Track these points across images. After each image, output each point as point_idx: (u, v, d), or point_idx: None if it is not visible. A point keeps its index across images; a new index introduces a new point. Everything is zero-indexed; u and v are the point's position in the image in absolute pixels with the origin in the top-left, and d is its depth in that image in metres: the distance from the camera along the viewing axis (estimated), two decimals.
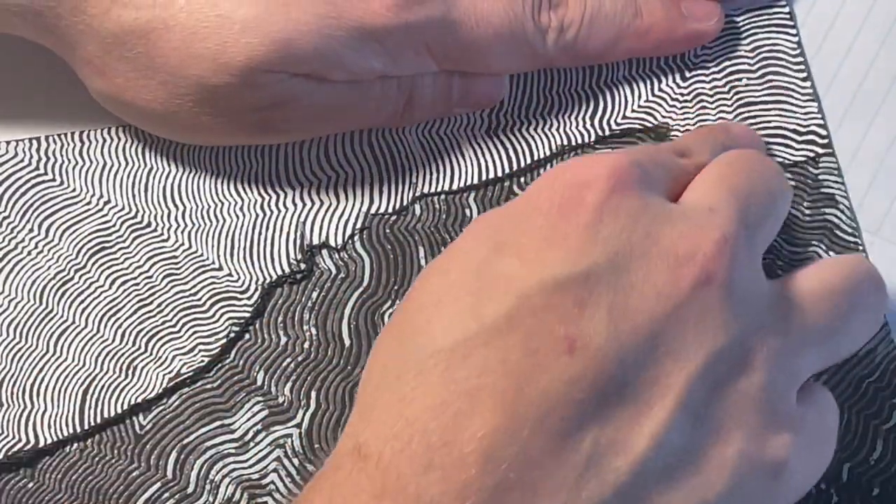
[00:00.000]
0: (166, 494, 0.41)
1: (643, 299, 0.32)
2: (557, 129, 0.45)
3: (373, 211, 0.44)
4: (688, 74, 0.46)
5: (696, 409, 0.32)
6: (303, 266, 0.43)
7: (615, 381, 0.31)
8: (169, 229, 0.44)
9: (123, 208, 0.44)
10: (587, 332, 0.31)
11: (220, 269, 0.43)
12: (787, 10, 0.46)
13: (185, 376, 0.42)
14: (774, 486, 0.34)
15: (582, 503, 0.31)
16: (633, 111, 0.45)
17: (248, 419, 0.42)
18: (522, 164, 0.45)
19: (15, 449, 0.41)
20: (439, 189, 0.44)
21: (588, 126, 0.45)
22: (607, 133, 0.45)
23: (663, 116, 0.45)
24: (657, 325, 0.32)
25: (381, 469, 0.31)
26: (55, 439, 0.42)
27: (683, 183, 0.37)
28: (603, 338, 0.31)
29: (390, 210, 0.44)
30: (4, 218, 0.44)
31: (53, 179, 0.44)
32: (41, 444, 0.42)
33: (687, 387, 0.32)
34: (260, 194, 0.44)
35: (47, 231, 0.44)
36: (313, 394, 0.42)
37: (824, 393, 0.37)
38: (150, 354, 0.43)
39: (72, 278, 0.43)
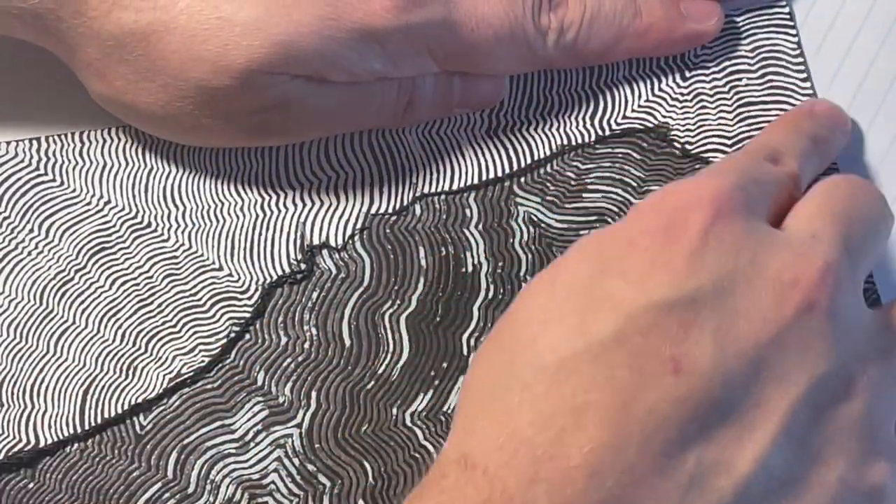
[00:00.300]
0: (167, 495, 0.41)
1: (748, 324, 0.33)
2: (557, 129, 0.45)
3: (373, 211, 0.44)
4: (688, 74, 0.46)
5: (798, 433, 0.33)
6: (303, 266, 0.43)
7: (719, 403, 0.32)
8: (169, 229, 0.44)
9: (123, 208, 0.44)
10: (693, 354, 0.32)
11: (221, 269, 0.43)
12: (787, 10, 0.46)
13: (186, 376, 0.42)
14: None
15: None
16: (633, 111, 0.45)
17: (249, 419, 0.42)
18: (522, 164, 0.45)
19: (15, 449, 0.41)
20: (439, 189, 0.44)
21: (588, 126, 0.45)
22: (607, 133, 0.45)
23: (663, 116, 0.45)
24: (761, 350, 0.32)
25: (488, 479, 0.31)
26: (56, 439, 0.42)
27: (782, 198, 0.37)
28: (708, 360, 0.32)
29: (390, 210, 0.44)
30: (5, 218, 0.44)
31: (54, 180, 0.44)
32: (42, 444, 0.42)
33: (790, 412, 0.33)
34: (260, 194, 0.44)
35: (47, 231, 0.44)
36: (314, 394, 0.42)
37: None
38: (151, 355, 0.43)
39: (72, 278, 0.43)
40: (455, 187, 0.44)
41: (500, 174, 0.45)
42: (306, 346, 0.43)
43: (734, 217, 0.34)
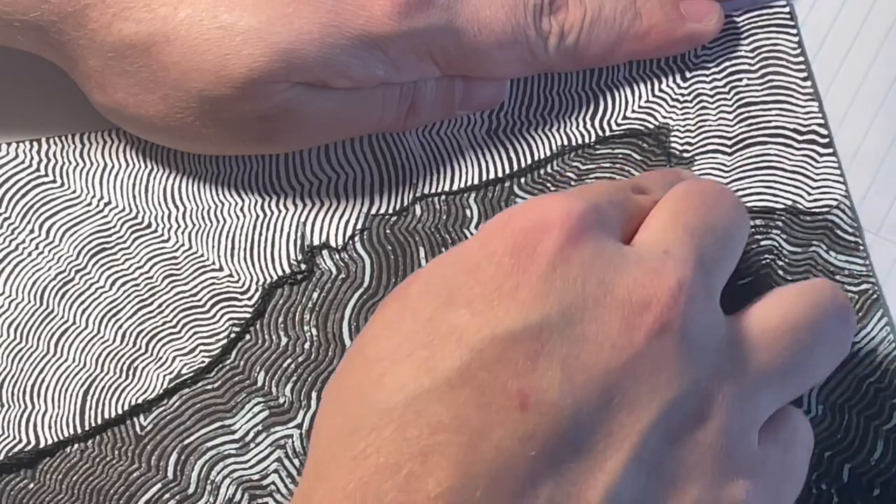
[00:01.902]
0: (167, 495, 0.41)
1: (597, 351, 0.32)
2: (558, 130, 0.45)
3: (373, 212, 0.44)
4: (688, 75, 0.46)
5: (650, 461, 0.32)
6: (303, 267, 0.43)
7: (569, 436, 0.31)
8: (169, 230, 0.44)
9: (124, 209, 0.44)
10: (540, 386, 0.31)
11: (221, 269, 0.43)
12: (787, 9, 0.46)
13: (186, 377, 0.42)
14: None
15: None
16: (633, 112, 0.45)
17: (249, 420, 0.42)
18: (523, 165, 0.45)
19: (16, 450, 0.41)
20: (440, 190, 0.44)
21: (588, 127, 0.45)
22: (608, 134, 0.45)
23: (664, 117, 0.45)
24: (611, 378, 0.31)
25: None
26: (56, 440, 0.42)
27: (640, 220, 0.36)
28: (556, 392, 0.31)
29: (391, 211, 0.44)
30: (5, 219, 0.44)
31: (54, 181, 0.44)
32: (42, 444, 0.42)
33: (641, 439, 0.32)
34: (260, 195, 0.44)
35: (48, 232, 0.44)
36: (314, 394, 0.42)
37: (791, 420, 0.36)
38: (151, 355, 0.43)
39: (72, 279, 0.43)
40: (455, 188, 0.44)
41: (500, 175, 0.45)
42: (307, 346, 0.43)
43: (584, 238, 0.33)
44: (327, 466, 0.32)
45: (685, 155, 0.45)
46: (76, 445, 0.42)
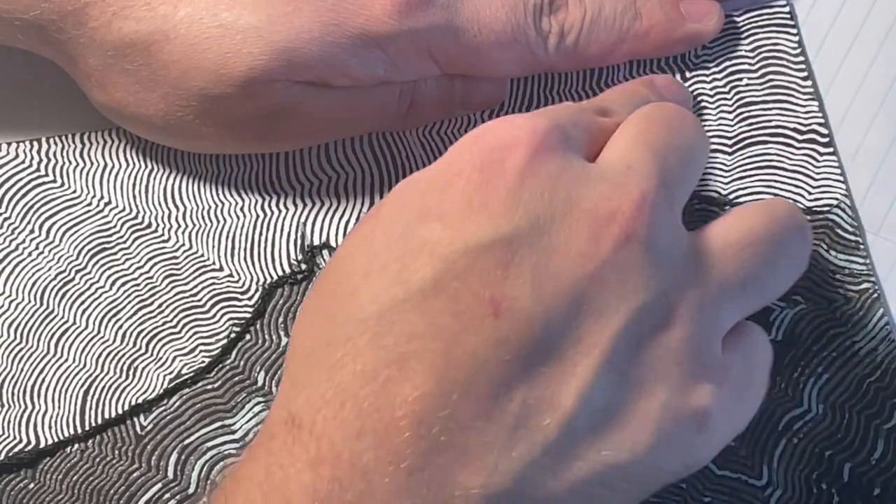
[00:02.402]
0: (167, 495, 0.41)
1: (566, 261, 0.33)
2: None
3: None
4: (688, 74, 0.46)
5: (620, 365, 0.33)
6: (303, 267, 0.43)
7: (541, 342, 0.32)
8: (169, 230, 0.44)
9: (124, 209, 0.44)
10: (512, 294, 0.32)
11: (221, 269, 0.43)
12: (787, 9, 0.46)
13: (186, 377, 0.42)
14: (700, 435, 0.34)
15: (512, 462, 0.31)
16: None
17: (249, 420, 0.42)
18: None
19: (16, 450, 0.41)
20: None
21: None
22: None
23: None
24: (580, 286, 0.32)
25: (314, 437, 0.31)
26: (56, 440, 0.42)
27: (603, 141, 0.37)
28: (527, 300, 0.32)
29: None
30: (5, 219, 0.44)
31: (54, 181, 0.44)
32: (42, 444, 0.42)
33: (610, 344, 0.33)
34: (261, 195, 0.44)
35: (48, 232, 0.44)
36: None
37: (752, 334, 0.37)
38: (151, 355, 0.43)
39: (72, 279, 0.43)
40: None
41: None
42: None
43: (550, 154, 0.34)
44: (305, 376, 0.33)
45: None
46: (76, 445, 0.42)
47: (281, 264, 0.43)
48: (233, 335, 0.43)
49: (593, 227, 0.33)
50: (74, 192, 0.44)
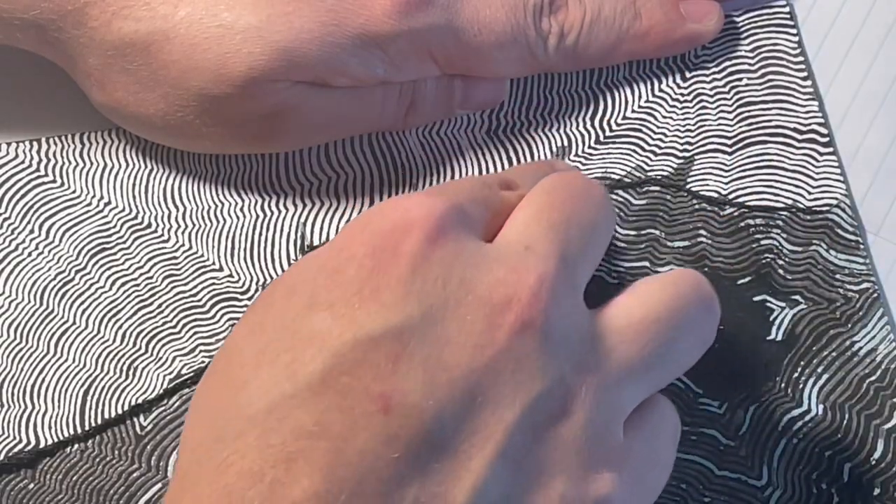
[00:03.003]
0: None
1: (459, 351, 0.31)
2: (558, 130, 0.45)
3: None
4: (688, 75, 0.46)
5: (516, 457, 0.32)
6: None
7: (433, 437, 0.31)
8: (169, 230, 0.44)
9: (124, 209, 0.44)
10: (402, 388, 0.31)
11: (221, 269, 0.43)
12: (787, 9, 0.46)
13: (186, 377, 0.42)
14: None
15: None
16: (633, 112, 0.45)
17: None
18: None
19: (16, 450, 0.41)
20: None
21: (588, 127, 0.45)
22: (608, 133, 0.45)
23: (664, 117, 0.45)
24: (474, 377, 0.31)
25: None
26: (56, 440, 0.42)
27: (505, 217, 0.36)
28: (418, 394, 0.31)
29: None
30: (5, 219, 0.44)
31: (54, 181, 0.44)
32: (42, 444, 0.41)
33: (505, 437, 0.31)
34: (260, 195, 0.44)
35: (48, 232, 0.44)
36: None
37: (658, 410, 0.36)
38: (151, 355, 0.42)
39: (72, 279, 0.43)
40: None
41: None
42: None
43: (444, 238, 0.32)
44: (192, 475, 0.32)
45: (685, 155, 0.45)
46: (76, 445, 0.42)
47: (281, 264, 0.43)
48: None
49: (488, 315, 0.32)
50: (74, 192, 0.44)
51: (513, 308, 0.32)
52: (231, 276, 0.43)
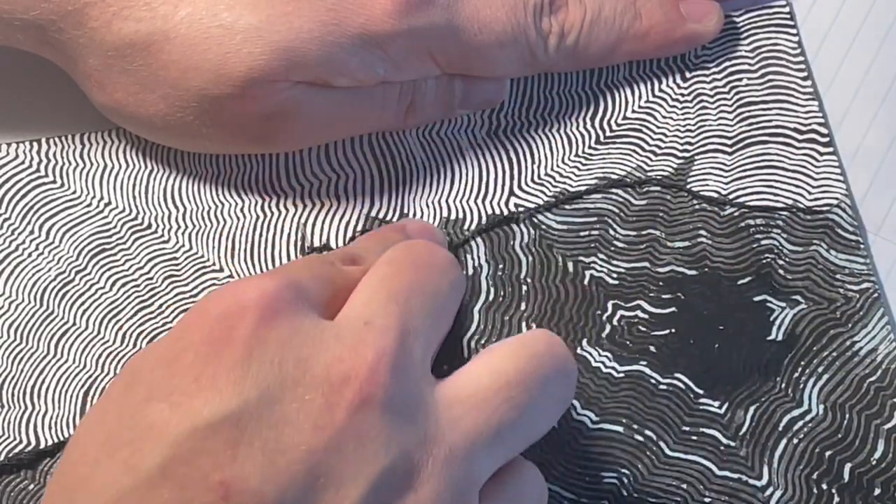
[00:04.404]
0: None
1: (298, 433, 0.31)
2: (558, 130, 0.45)
3: (373, 213, 0.44)
4: (688, 75, 0.46)
5: None
6: None
7: None
8: (169, 231, 0.44)
9: (124, 210, 0.44)
10: (241, 474, 0.30)
11: (221, 270, 0.43)
12: (787, 9, 0.46)
13: None
14: None
15: None
16: (633, 112, 0.45)
17: None
18: (523, 165, 0.45)
19: (16, 451, 0.41)
20: (440, 190, 0.44)
21: (588, 127, 0.45)
22: (608, 133, 0.45)
23: (664, 117, 0.45)
24: (315, 458, 0.31)
25: None
26: (56, 441, 0.42)
27: (348, 292, 0.36)
28: (258, 479, 0.30)
29: (391, 212, 0.44)
30: (5, 220, 0.44)
31: (54, 181, 0.44)
32: (42, 445, 0.41)
33: None
34: (261, 196, 0.44)
35: (48, 233, 0.44)
36: None
37: (520, 477, 0.36)
38: None
39: (72, 280, 0.43)
40: (455, 188, 0.44)
41: (500, 175, 0.45)
42: None
43: (279, 318, 0.32)
44: None
45: (685, 155, 0.45)
46: None
47: (281, 265, 0.43)
48: None
49: (326, 394, 0.31)
50: (74, 192, 0.44)
51: (351, 385, 0.32)
52: (231, 276, 0.43)
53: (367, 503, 0.31)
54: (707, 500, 0.41)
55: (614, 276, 0.43)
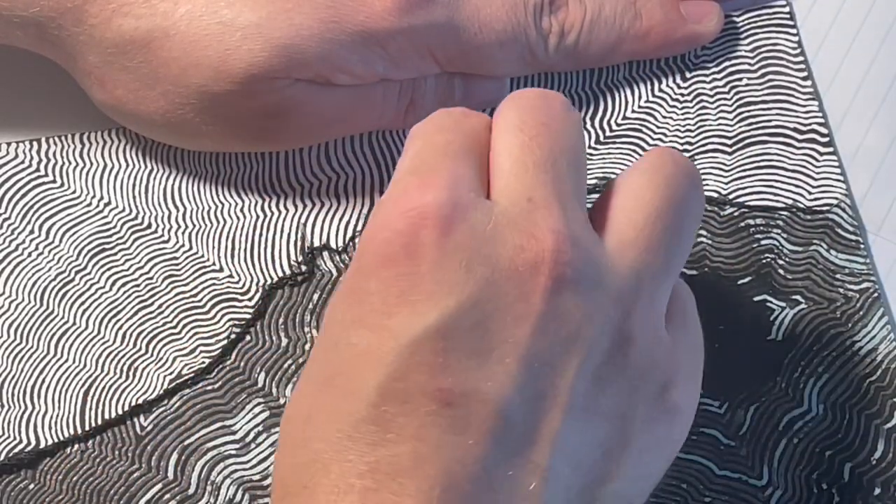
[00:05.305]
0: (167, 496, 0.41)
1: (501, 328, 0.32)
2: None
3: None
4: (688, 75, 0.46)
5: (587, 406, 0.33)
6: (304, 268, 0.43)
7: (502, 414, 0.31)
8: (169, 231, 0.44)
9: (124, 210, 0.44)
10: (458, 378, 0.31)
11: (221, 270, 0.43)
12: (787, 9, 0.46)
13: (186, 377, 0.42)
14: (676, 426, 0.35)
15: None
16: (633, 112, 0.45)
17: (249, 420, 0.42)
18: None
19: (16, 450, 0.41)
20: None
21: (588, 127, 0.45)
22: (608, 133, 0.45)
23: (664, 117, 0.45)
24: (522, 347, 0.32)
25: None
26: (56, 440, 0.42)
27: (484, 145, 0.35)
28: (474, 379, 0.31)
29: None
30: (5, 220, 0.44)
31: (54, 181, 0.44)
32: (42, 445, 0.41)
33: (571, 392, 0.32)
34: (260, 196, 0.44)
35: (48, 232, 0.44)
36: None
37: (681, 299, 0.37)
38: (151, 356, 0.42)
39: (72, 280, 0.43)
40: None
41: None
42: (307, 347, 0.43)
43: (454, 224, 0.32)
44: (284, 501, 0.33)
45: (685, 154, 0.45)
46: (76, 446, 0.42)
47: (281, 265, 0.43)
48: (233, 336, 0.43)
49: (518, 286, 0.32)
50: (74, 192, 0.44)
51: (540, 272, 0.32)
52: (231, 276, 0.43)
53: (583, 376, 0.32)
54: (707, 499, 0.41)
55: None
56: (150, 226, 0.44)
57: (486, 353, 0.31)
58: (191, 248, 0.44)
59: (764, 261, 0.43)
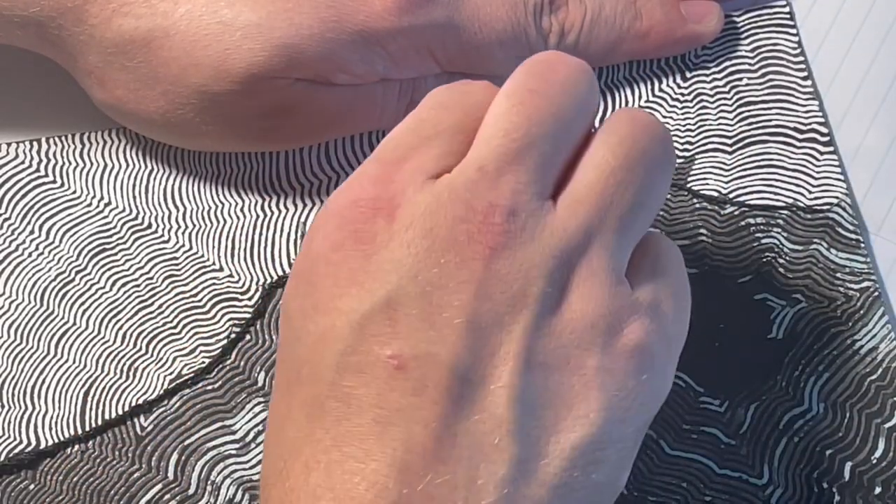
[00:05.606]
0: (167, 496, 0.41)
1: (446, 292, 0.32)
2: None
3: None
4: (688, 75, 0.46)
5: (539, 359, 0.33)
6: None
7: (456, 373, 0.32)
8: (169, 230, 0.44)
9: (124, 210, 0.44)
10: (408, 342, 0.32)
11: (221, 270, 0.43)
12: (787, 9, 0.46)
13: (186, 377, 0.42)
14: (649, 372, 0.34)
15: (480, 491, 0.32)
16: None
17: (250, 420, 0.42)
18: None
19: (16, 451, 0.41)
20: None
21: None
22: None
23: (664, 117, 0.45)
24: (469, 310, 0.32)
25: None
26: (56, 441, 0.41)
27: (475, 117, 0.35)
28: (424, 342, 0.32)
29: None
30: (5, 220, 0.44)
31: (54, 181, 0.44)
32: (42, 445, 0.41)
33: (522, 347, 0.33)
34: (261, 195, 0.44)
35: (48, 233, 0.44)
36: None
37: (654, 244, 0.36)
38: (151, 356, 0.42)
39: (72, 280, 0.43)
40: None
41: None
42: None
43: (402, 209, 0.33)
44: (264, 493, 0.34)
45: (685, 154, 0.45)
46: (77, 446, 0.42)
47: (281, 264, 0.43)
48: (233, 335, 0.43)
49: (458, 254, 0.33)
50: (74, 192, 0.44)
51: (477, 240, 0.33)
52: (231, 276, 0.43)
53: (532, 331, 0.33)
54: (707, 498, 0.41)
55: None
56: (150, 226, 0.44)
57: (433, 318, 0.32)
58: (191, 247, 0.44)
59: (764, 259, 0.44)
